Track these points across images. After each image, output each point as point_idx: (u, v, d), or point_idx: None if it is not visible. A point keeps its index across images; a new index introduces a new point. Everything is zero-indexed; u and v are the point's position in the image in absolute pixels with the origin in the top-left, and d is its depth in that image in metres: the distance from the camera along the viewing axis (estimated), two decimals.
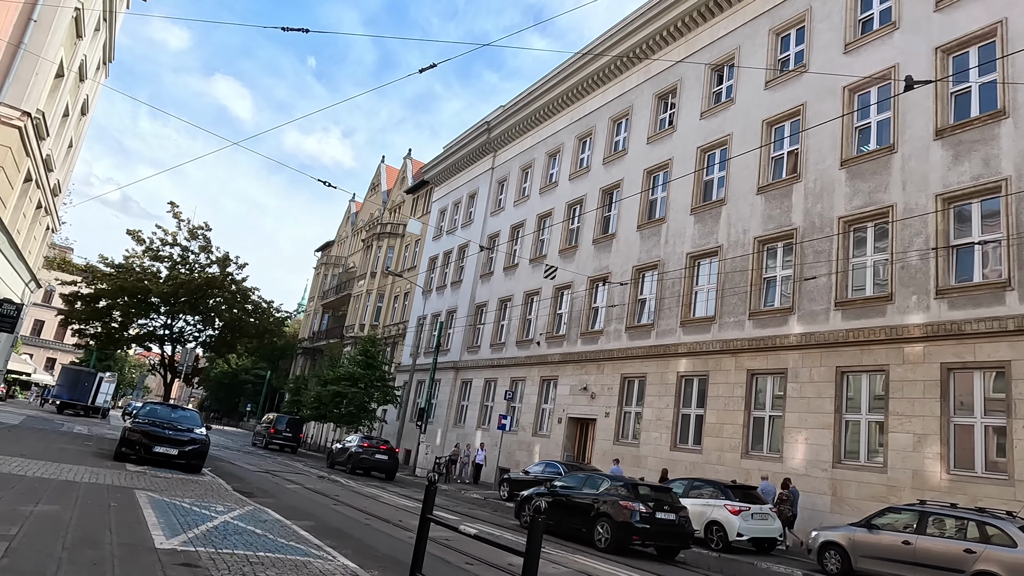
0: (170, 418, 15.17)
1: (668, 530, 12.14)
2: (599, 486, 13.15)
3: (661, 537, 12.12)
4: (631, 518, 11.83)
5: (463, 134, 38.30)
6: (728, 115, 21.21)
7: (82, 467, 11.58)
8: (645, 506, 12.04)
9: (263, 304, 27.61)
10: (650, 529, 11.88)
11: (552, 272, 18.11)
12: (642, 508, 11.97)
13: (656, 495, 12.65)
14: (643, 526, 11.80)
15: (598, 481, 13.50)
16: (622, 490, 12.60)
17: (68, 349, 69.21)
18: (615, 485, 12.99)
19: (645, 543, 12.04)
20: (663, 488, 13.44)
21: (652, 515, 11.95)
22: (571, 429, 24.27)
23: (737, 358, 18.33)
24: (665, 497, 12.72)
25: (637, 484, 13.13)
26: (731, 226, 19.85)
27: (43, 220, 19.86)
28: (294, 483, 16.58)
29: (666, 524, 12.09)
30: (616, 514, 12.06)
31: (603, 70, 27.45)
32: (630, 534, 11.78)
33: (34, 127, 14.75)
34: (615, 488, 12.79)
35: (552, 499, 13.29)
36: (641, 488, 12.81)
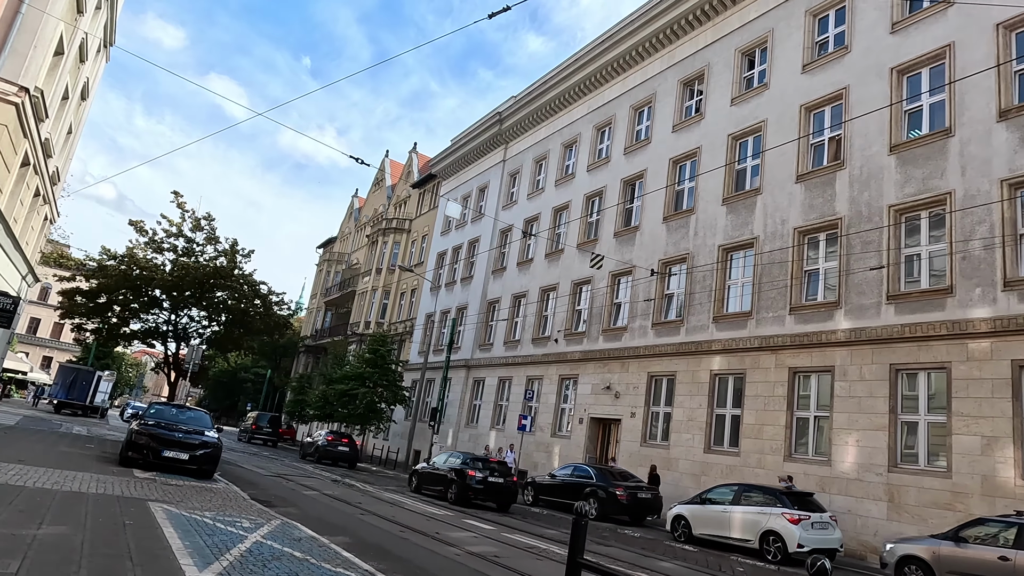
0: (179, 420, 14.12)
1: (498, 489, 17.24)
2: (456, 463, 17.97)
3: (492, 495, 17.25)
4: (471, 481, 16.91)
5: (473, 126, 37.26)
6: (762, 101, 20.22)
7: (87, 474, 10.54)
8: (482, 473, 17.11)
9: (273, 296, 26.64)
10: (484, 488, 17.02)
11: (598, 261, 17.05)
12: (479, 475, 17.05)
13: (493, 467, 17.61)
14: (479, 487, 16.97)
15: (454, 458, 18.49)
16: (468, 462, 17.67)
17: (65, 347, 68.03)
18: (468, 457, 18.25)
19: (482, 498, 17.23)
20: (500, 461, 18.62)
21: (486, 479, 17.07)
22: (593, 430, 23.28)
23: (777, 355, 17.34)
24: (498, 467, 17.72)
25: (479, 459, 18.20)
26: (768, 216, 18.86)
27: (41, 210, 18.78)
28: (311, 488, 15.56)
29: (497, 485, 17.20)
30: (461, 478, 17.09)
31: (623, 57, 26.44)
32: (468, 492, 16.85)
33: (32, 106, 13.68)
34: (466, 462, 17.74)
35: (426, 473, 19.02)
36: (480, 462, 17.79)
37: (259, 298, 25.30)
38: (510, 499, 17.57)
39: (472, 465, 17.50)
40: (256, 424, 39.09)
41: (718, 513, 13.34)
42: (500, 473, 17.45)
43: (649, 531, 15.47)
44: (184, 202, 21.87)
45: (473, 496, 17.02)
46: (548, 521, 15.59)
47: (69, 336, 69.06)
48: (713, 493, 14.06)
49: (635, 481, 17.54)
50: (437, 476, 18.34)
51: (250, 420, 40.58)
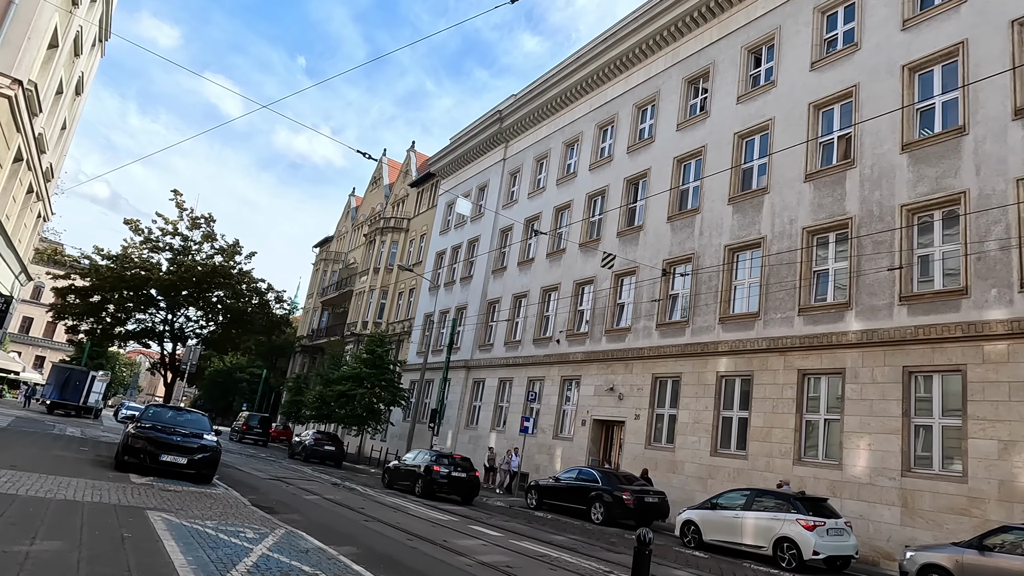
0: (177, 423, 13.73)
1: (461, 483, 18.75)
2: (425, 460, 19.24)
3: (456, 488, 18.70)
4: (436, 476, 18.49)
5: (473, 124, 36.92)
6: (769, 99, 19.95)
7: (81, 480, 10.16)
8: (446, 469, 18.73)
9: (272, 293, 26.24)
10: (448, 483, 18.57)
11: (610, 260, 16.68)
12: (443, 470, 18.67)
13: (457, 463, 19.18)
14: (443, 481, 18.53)
15: (420, 455, 19.95)
16: (435, 459, 19.08)
17: (59, 347, 67.36)
18: (435, 454, 19.63)
19: (447, 492, 18.67)
20: (464, 458, 20.05)
21: (450, 474, 18.67)
22: (596, 432, 22.98)
23: (786, 357, 17.07)
24: (462, 463, 19.34)
25: (445, 456, 19.58)
26: (776, 216, 18.58)
27: (34, 207, 18.35)
28: (312, 493, 15.20)
29: (460, 479, 18.74)
30: (427, 474, 18.59)
31: (626, 55, 26.15)
32: (434, 485, 18.40)
33: (26, 99, 13.28)
34: (428, 459, 19.16)
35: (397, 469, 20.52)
36: (446, 459, 19.26)
37: (258, 296, 24.81)
38: (473, 492, 19.08)
39: (438, 461, 19.08)
40: (247, 424, 40.48)
41: (730, 519, 13.05)
42: (463, 469, 19.19)
43: (658, 536, 15.12)
44: (183, 200, 21.47)
45: (438, 489, 18.60)
46: (554, 526, 15.27)
47: (62, 336, 68.39)
48: (724, 498, 13.77)
49: (641, 485, 17.23)
50: (407, 472, 19.81)
51: (241, 420, 42.10)
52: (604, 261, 16.95)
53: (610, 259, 16.92)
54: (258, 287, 24.57)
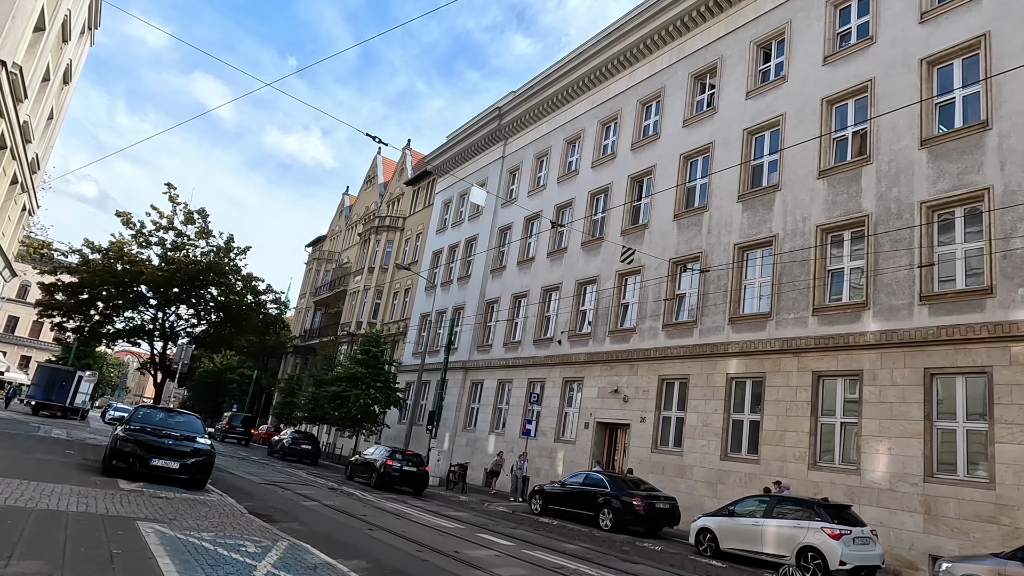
0: (168, 425, 13.05)
1: (412, 476, 21.04)
2: (381, 455, 21.59)
3: (407, 481, 20.95)
4: (389, 469, 20.75)
5: (470, 121, 36.33)
6: (779, 94, 19.48)
7: (66, 487, 9.48)
8: (399, 463, 21.01)
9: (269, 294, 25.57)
10: (400, 476, 20.84)
11: (629, 255, 16.07)
12: (396, 464, 20.95)
13: (409, 458, 21.46)
14: (396, 474, 20.80)
15: (377, 451, 22.35)
16: (390, 454, 21.37)
17: (44, 347, 66.13)
18: (391, 450, 21.87)
19: (399, 484, 20.88)
20: (415, 453, 22.52)
21: (402, 468, 20.96)
22: (599, 435, 22.41)
23: (800, 358, 16.57)
24: (413, 458, 21.56)
25: (400, 451, 21.85)
26: (788, 213, 18.10)
27: (19, 199, 17.59)
28: (309, 498, 14.53)
29: (411, 473, 21.04)
30: (381, 468, 20.86)
31: (630, 51, 25.65)
32: (387, 478, 20.60)
33: (10, 83, 12.56)
34: (384, 454, 21.48)
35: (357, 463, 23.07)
36: (400, 454, 21.49)
37: (253, 295, 24.03)
38: (422, 485, 21.48)
39: (392, 457, 21.34)
40: (230, 424, 42.79)
41: (749, 527, 12.50)
42: (414, 464, 21.56)
43: (669, 544, 14.61)
44: (177, 195, 20.69)
45: (391, 482, 20.80)
46: (563, 534, 14.69)
47: (49, 335, 67.16)
48: (742, 505, 13.23)
49: (651, 490, 16.67)
50: (365, 465, 22.30)
51: (225, 420, 44.35)
52: (623, 256, 16.34)
53: (629, 254, 16.31)
54: (255, 286, 23.76)
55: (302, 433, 34.28)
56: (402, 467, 21.03)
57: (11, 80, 12.57)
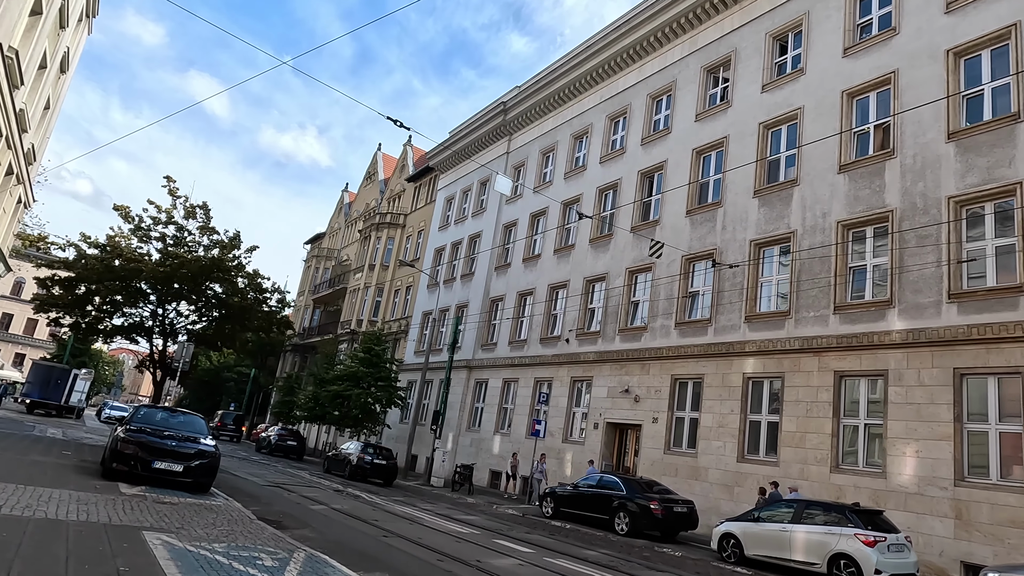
0: (170, 425, 12.52)
1: (381, 468, 23.41)
2: (351, 451, 24.31)
3: (377, 473, 23.38)
4: (361, 463, 23.24)
5: (474, 117, 35.80)
6: (797, 87, 19.01)
7: (64, 492, 8.94)
8: (369, 457, 23.44)
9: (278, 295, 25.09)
10: (371, 468, 23.20)
11: (658, 249, 15.52)
12: (367, 458, 23.35)
13: (379, 451, 24.12)
14: (367, 466, 23.19)
15: (352, 445, 25.07)
16: (363, 448, 23.99)
17: (39, 344, 65.38)
18: (364, 445, 24.65)
19: (370, 476, 23.25)
20: (385, 448, 25.26)
21: (372, 461, 23.33)
22: (609, 435, 21.92)
23: (821, 358, 16.10)
24: (383, 452, 24.19)
25: (371, 446, 24.61)
26: (807, 209, 17.63)
27: (14, 190, 16.99)
28: (316, 501, 14.01)
29: (380, 465, 23.38)
30: (355, 462, 23.36)
31: (640, 44, 25.16)
32: (359, 470, 23.09)
33: (5, 67, 11.99)
34: (358, 448, 24.15)
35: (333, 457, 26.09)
36: (372, 448, 24.20)
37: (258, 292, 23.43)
38: (392, 476, 23.85)
39: (365, 451, 23.96)
40: (221, 422, 45.24)
41: (776, 532, 12.03)
42: (384, 457, 24.03)
43: (689, 549, 14.13)
44: (176, 188, 20.04)
45: (363, 474, 23.18)
46: (579, 538, 14.21)
47: (44, 333, 66.40)
48: (768, 509, 12.74)
49: (665, 492, 16.19)
50: (340, 460, 24.92)
51: (217, 419, 46.26)
52: (652, 250, 15.77)
53: (658, 247, 15.73)
54: (259, 284, 23.15)
55: (288, 430, 36.56)
56: (373, 460, 23.58)
57: (7, 64, 11.99)
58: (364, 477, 23.15)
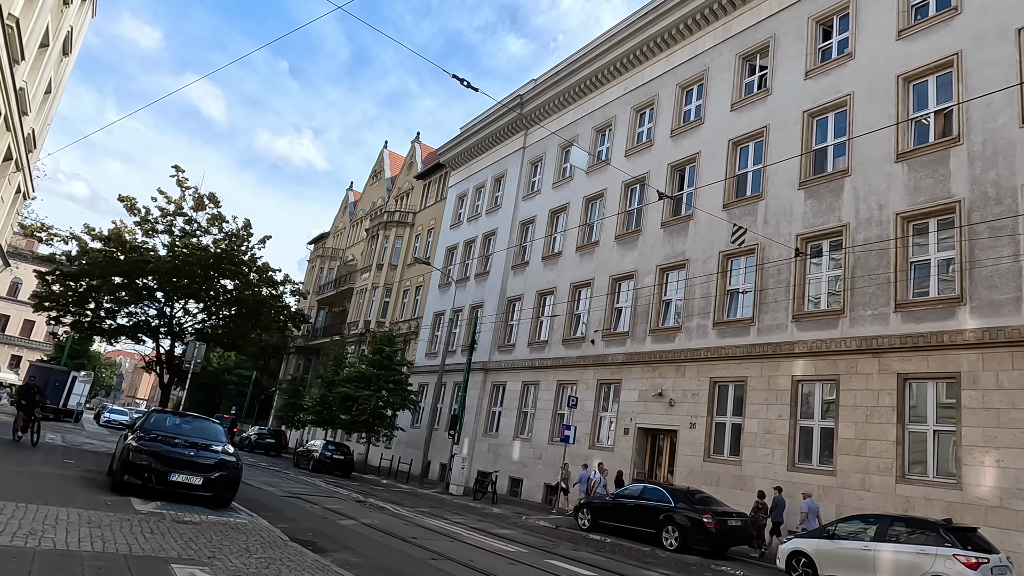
0: (186, 432, 11.35)
1: (339, 462, 27.22)
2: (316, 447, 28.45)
3: (336, 467, 27.07)
4: (320, 456, 27.27)
5: (488, 111, 34.67)
6: (845, 72, 17.93)
7: (73, 511, 7.78)
8: (329, 452, 27.44)
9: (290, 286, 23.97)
10: (330, 462, 26.99)
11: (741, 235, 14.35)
12: (328, 453, 27.35)
13: (338, 447, 28.24)
14: (327, 460, 27.03)
15: (316, 443, 29.10)
16: (322, 445, 28.07)
17: (36, 346, 64.02)
18: (326, 442, 28.63)
19: (330, 468, 26.82)
20: (343, 444, 29.72)
21: (332, 456, 27.24)
22: (641, 442, 20.79)
23: (881, 359, 14.99)
24: (341, 448, 28.22)
25: (332, 443, 28.31)
26: (860, 201, 16.53)
27: (13, 178, 15.81)
28: (342, 515, 12.85)
29: (339, 460, 27.29)
30: (316, 456, 27.43)
31: (667, 32, 24.10)
32: (321, 463, 27.01)
33: (5, 36, 10.81)
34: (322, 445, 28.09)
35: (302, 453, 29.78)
36: (333, 445, 28.12)
37: (270, 286, 22.22)
38: (349, 469, 27.77)
39: (326, 448, 27.91)
40: None
41: (857, 552, 10.88)
42: (342, 453, 28.05)
43: (751, 568, 12.99)
44: (185, 178, 18.82)
45: (326, 467, 26.96)
46: (628, 555, 13.09)
47: (41, 334, 65.02)
48: (844, 526, 11.61)
49: (717, 504, 15.04)
50: (306, 455, 28.91)
51: None
52: (734, 235, 14.61)
53: (740, 233, 14.55)
54: (271, 276, 21.91)
55: (270, 430, 40.50)
56: (333, 455, 27.52)
57: (6, 33, 10.82)
58: (327, 470, 26.87)
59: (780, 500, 15.14)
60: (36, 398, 17.39)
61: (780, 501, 15.14)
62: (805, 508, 14.57)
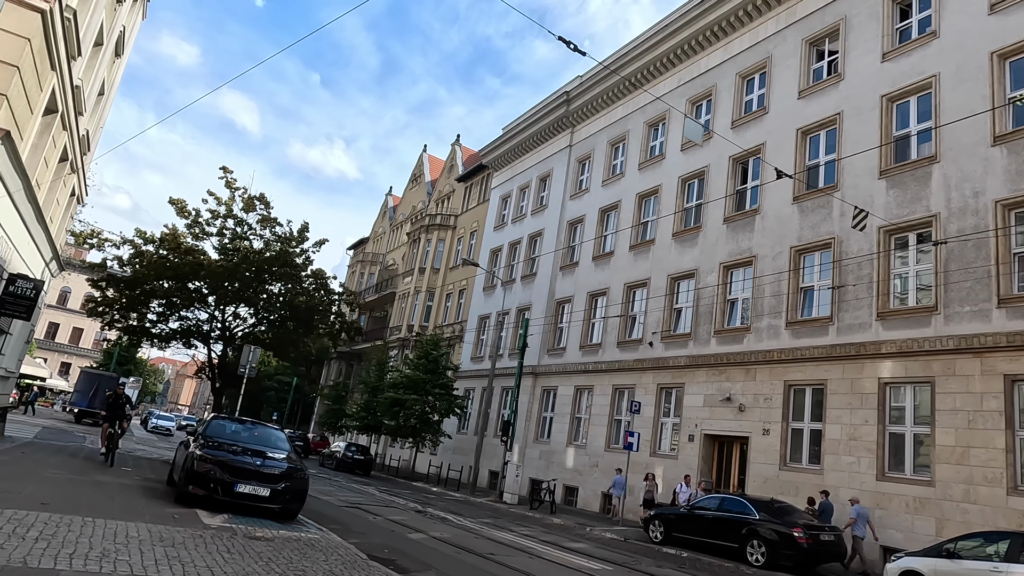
0: (248, 439, 10.77)
1: (359, 462, 29.72)
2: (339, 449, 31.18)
3: (357, 466, 29.46)
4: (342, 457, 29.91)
5: (533, 109, 33.99)
6: (928, 52, 16.73)
7: (141, 526, 7.19)
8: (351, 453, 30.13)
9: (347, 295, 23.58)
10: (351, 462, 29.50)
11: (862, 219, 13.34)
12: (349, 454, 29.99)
13: (357, 448, 30.78)
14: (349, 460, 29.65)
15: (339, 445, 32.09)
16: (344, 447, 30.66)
17: (83, 353, 65.27)
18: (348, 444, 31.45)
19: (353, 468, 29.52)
20: (363, 446, 32.30)
21: (353, 456, 29.78)
22: (707, 449, 19.73)
23: (984, 359, 13.76)
24: (361, 449, 31.14)
25: (354, 445, 31.07)
26: (952, 189, 15.32)
27: (68, 180, 15.57)
28: (409, 527, 12.15)
29: (359, 460, 29.74)
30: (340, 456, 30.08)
31: (724, 21, 23.09)
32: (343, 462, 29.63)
33: (63, 26, 10.40)
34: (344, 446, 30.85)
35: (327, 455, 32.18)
36: (354, 447, 30.84)
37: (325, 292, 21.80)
38: (368, 468, 29.78)
39: (348, 449, 30.27)
40: None
41: (985, 573, 9.75)
42: (362, 453, 30.13)
43: None
44: (234, 179, 18.49)
45: (348, 466, 28.99)
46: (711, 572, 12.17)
47: (89, 341, 66.32)
48: (966, 543, 10.48)
49: (803, 516, 13.96)
50: (330, 456, 31.24)
51: None
52: (856, 220, 13.61)
53: (861, 217, 13.53)
54: (326, 282, 21.47)
55: (296, 434, 41.37)
56: (353, 456, 29.81)
57: (64, 24, 10.40)
58: (348, 469, 29.03)
59: (828, 504, 14.74)
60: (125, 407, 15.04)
61: (828, 506, 14.72)
62: (853, 514, 14.14)
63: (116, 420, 14.42)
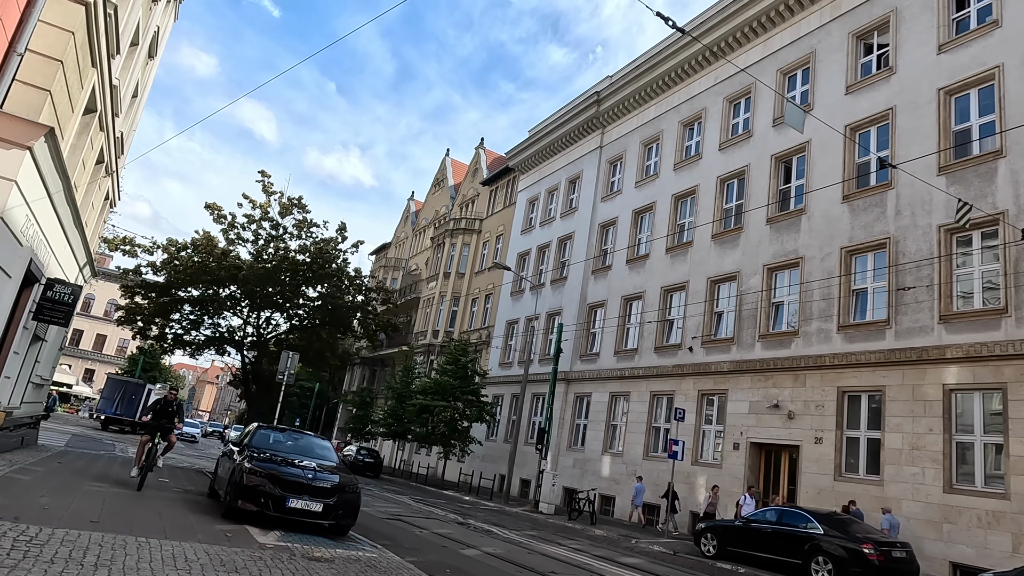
0: (294, 451, 10.29)
1: (371, 465, 31.12)
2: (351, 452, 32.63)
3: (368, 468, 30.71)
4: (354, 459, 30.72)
5: (562, 111, 33.47)
6: (989, 43, 15.99)
7: (197, 547, 6.72)
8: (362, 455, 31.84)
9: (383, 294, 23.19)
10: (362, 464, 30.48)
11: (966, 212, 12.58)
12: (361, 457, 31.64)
13: (367, 452, 32.49)
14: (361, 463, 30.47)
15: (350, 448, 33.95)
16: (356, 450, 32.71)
17: (108, 360, 65.61)
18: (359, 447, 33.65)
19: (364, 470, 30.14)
20: (373, 449, 33.91)
21: (364, 459, 31.40)
22: (754, 458, 19.01)
23: None
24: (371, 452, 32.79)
25: (365, 448, 32.85)
26: (1019, 184, 14.56)
27: (103, 183, 15.27)
28: (458, 542, 11.60)
29: (369, 463, 31.11)
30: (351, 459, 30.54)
31: (763, 16, 22.44)
32: (355, 465, 29.44)
33: (105, 21, 10.01)
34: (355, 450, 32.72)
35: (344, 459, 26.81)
36: (365, 450, 32.63)
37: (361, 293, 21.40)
38: (378, 470, 31.35)
39: (359, 452, 31.71)
40: None
41: None
42: (372, 456, 31.78)
43: None
44: (271, 183, 18.18)
45: (359, 468, 29.00)
46: None
47: (113, 348, 66.68)
48: None
49: (871, 531, 13.23)
50: (344, 458, 28.03)
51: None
52: (959, 215, 12.90)
53: (966, 211, 12.80)
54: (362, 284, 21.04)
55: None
56: (364, 459, 31.17)
57: (107, 19, 10.02)
58: (360, 471, 28.81)
59: (858, 513, 14.67)
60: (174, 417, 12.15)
61: (858, 514, 14.61)
62: (885, 524, 13.90)
63: (162, 432, 11.84)
